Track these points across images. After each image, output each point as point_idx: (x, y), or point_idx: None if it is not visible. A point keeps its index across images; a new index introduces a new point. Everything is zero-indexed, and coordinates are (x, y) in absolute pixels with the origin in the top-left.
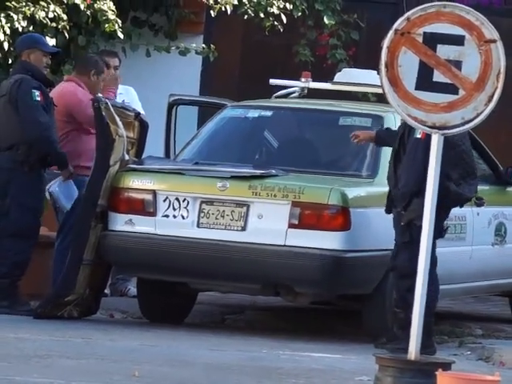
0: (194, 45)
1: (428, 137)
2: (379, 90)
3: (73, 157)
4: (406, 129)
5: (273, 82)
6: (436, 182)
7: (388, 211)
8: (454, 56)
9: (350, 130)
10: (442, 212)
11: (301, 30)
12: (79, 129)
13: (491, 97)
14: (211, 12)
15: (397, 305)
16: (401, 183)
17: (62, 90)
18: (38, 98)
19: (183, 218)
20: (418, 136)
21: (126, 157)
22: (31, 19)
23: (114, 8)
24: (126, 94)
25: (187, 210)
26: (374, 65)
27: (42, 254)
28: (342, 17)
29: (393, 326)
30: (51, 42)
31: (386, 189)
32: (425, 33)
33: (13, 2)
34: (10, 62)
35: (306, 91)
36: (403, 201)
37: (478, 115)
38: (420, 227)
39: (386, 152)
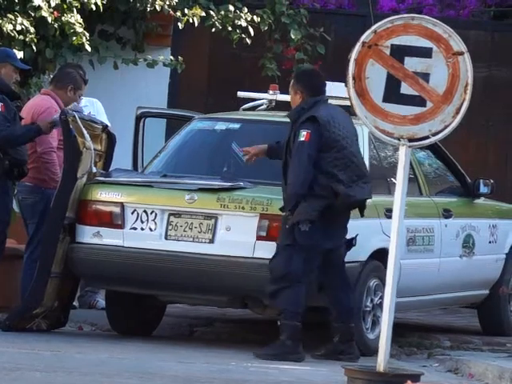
0: (162, 57)
1: (311, 139)
2: (347, 103)
3: (40, 170)
4: (292, 133)
5: (240, 94)
6: (404, 194)
7: (282, 210)
8: (421, 68)
9: None
10: (338, 219)
11: (267, 44)
12: None
13: (459, 109)
14: (179, 24)
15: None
16: (287, 186)
17: (36, 103)
18: None
19: (151, 230)
20: (302, 139)
21: (94, 169)
22: None
23: (81, 21)
24: (92, 106)
25: (155, 223)
26: (341, 78)
27: (11, 267)
28: (309, 30)
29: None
30: (19, 54)
31: None
32: (392, 45)
33: None
34: None
35: (273, 103)
36: (289, 204)
37: (445, 127)
38: (304, 232)
39: None
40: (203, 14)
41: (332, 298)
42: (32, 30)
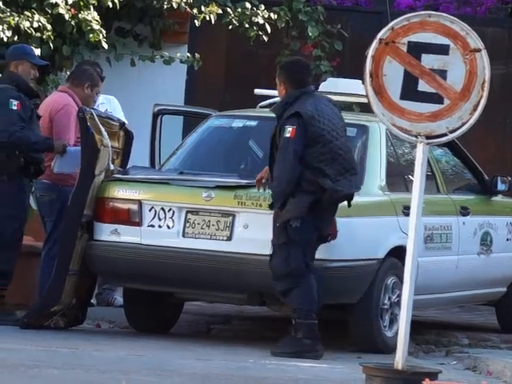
0: (179, 54)
1: (297, 135)
2: (364, 100)
3: None
4: (277, 128)
5: (257, 91)
6: (421, 192)
7: (271, 208)
8: (438, 65)
9: None
10: (326, 212)
11: (284, 41)
12: None
13: (476, 106)
14: (195, 22)
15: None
16: (274, 183)
17: (53, 100)
18: (15, 108)
19: (169, 227)
20: (288, 135)
21: (111, 167)
22: (16, 29)
23: (98, 18)
24: (109, 104)
25: (173, 220)
26: (359, 75)
27: (29, 264)
28: (326, 27)
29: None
30: (36, 52)
31: (372, 198)
32: (409, 42)
33: None
34: None
35: None
36: (278, 201)
37: (463, 124)
38: (296, 228)
39: (372, 162)
40: (220, 11)
41: None
42: (49, 27)
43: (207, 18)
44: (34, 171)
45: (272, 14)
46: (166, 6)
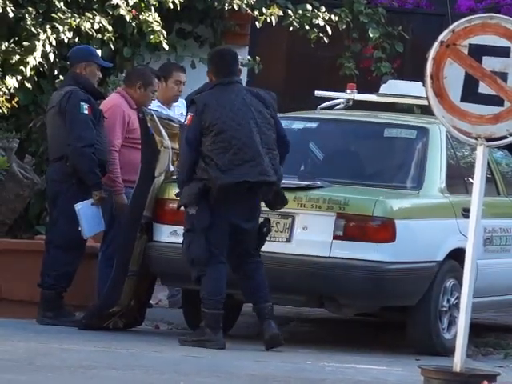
0: (240, 57)
1: (192, 123)
2: (425, 102)
3: None
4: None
5: (318, 93)
6: (481, 194)
7: (176, 195)
8: (499, 68)
9: (394, 141)
10: (231, 202)
11: (345, 43)
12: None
13: None
14: (256, 24)
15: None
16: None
17: (109, 102)
18: (86, 112)
19: None
20: (185, 123)
21: (171, 168)
22: (77, 31)
23: (159, 19)
24: (184, 107)
25: None
26: (419, 76)
27: (88, 265)
28: (387, 29)
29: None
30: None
31: (432, 200)
32: (470, 44)
33: (58, 14)
34: (56, 73)
35: (351, 103)
36: (179, 189)
37: None
38: (192, 216)
39: (432, 164)
40: (281, 13)
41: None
42: (110, 28)
43: (268, 20)
44: (100, 173)
45: (333, 16)
46: (227, 8)
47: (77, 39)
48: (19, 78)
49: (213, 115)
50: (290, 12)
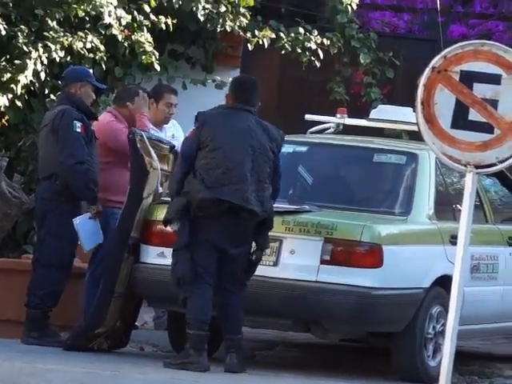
0: (231, 78)
1: (193, 136)
2: (415, 128)
3: (101, 189)
4: None
5: (308, 117)
6: (469, 221)
7: None
8: (490, 95)
9: (384, 167)
10: (209, 222)
11: (336, 67)
12: (112, 162)
13: None
14: (248, 46)
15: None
16: None
17: (100, 122)
18: (79, 130)
19: None
20: (187, 134)
21: (160, 189)
22: (69, 50)
23: (151, 40)
24: (176, 129)
25: None
26: (410, 102)
27: (74, 285)
28: (378, 54)
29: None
30: None
31: (419, 227)
32: (462, 71)
33: (50, 32)
34: (47, 92)
35: (341, 127)
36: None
37: None
38: (175, 232)
39: (421, 190)
40: (273, 35)
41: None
42: (102, 48)
43: (260, 43)
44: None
45: (325, 40)
46: (219, 30)
47: (68, 58)
48: (10, 96)
49: (212, 131)
50: (282, 35)
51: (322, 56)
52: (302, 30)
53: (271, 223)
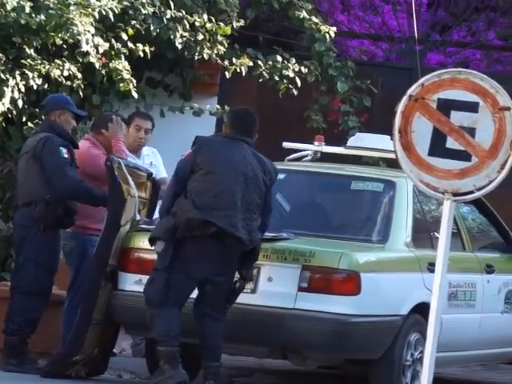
0: (208, 106)
1: (188, 158)
2: (392, 155)
3: (79, 216)
4: None
5: (286, 145)
6: (447, 249)
7: None
8: (467, 123)
9: (361, 194)
10: (192, 253)
11: (313, 95)
12: None
13: (504, 164)
14: (226, 73)
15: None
16: None
17: (79, 149)
18: (66, 156)
19: None
20: (181, 157)
21: (138, 217)
22: (46, 77)
23: (129, 68)
24: (154, 157)
25: None
26: (387, 130)
27: (53, 312)
28: (355, 82)
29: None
30: None
31: (397, 254)
32: (439, 99)
33: (28, 60)
34: (24, 119)
35: (318, 155)
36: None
37: (490, 182)
38: (158, 254)
39: (398, 218)
40: (251, 63)
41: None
42: (79, 75)
43: (238, 70)
44: (68, 221)
45: (303, 68)
46: (197, 57)
47: (46, 86)
48: None
49: (207, 155)
50: (260, 62)
51: (299, 84)
52: (279, 58)
53: (257, 255)
